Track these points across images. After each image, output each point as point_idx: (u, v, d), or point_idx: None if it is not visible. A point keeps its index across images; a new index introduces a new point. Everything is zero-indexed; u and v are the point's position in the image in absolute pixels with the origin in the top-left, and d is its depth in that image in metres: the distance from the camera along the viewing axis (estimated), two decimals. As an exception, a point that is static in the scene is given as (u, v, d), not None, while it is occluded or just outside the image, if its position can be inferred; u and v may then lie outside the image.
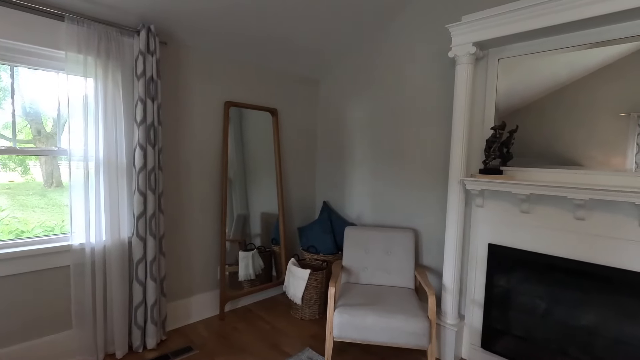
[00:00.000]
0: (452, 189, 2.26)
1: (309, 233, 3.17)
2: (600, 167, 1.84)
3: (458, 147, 2.23)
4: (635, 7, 1.57)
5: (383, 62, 2.94)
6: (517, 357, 2.12)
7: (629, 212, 1.73)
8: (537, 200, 2.02)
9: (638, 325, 1.78)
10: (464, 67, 2.18)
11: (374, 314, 2.03)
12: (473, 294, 2.30)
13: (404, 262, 2.52)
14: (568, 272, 1.95)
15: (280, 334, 2.57)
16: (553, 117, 1.99)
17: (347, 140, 3.27)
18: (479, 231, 2.26)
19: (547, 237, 1.99)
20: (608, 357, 1.87)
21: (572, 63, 1.93)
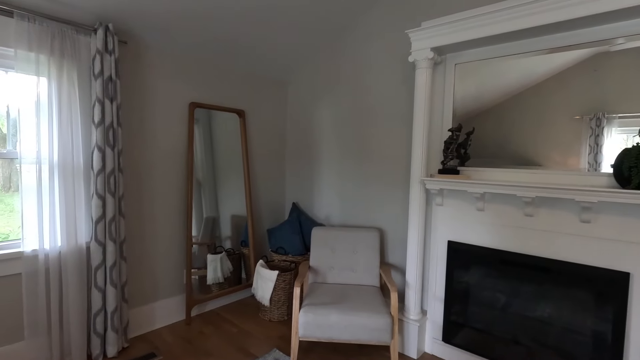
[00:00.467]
0: (414, 188, 2.34)
1: (277, 234, 3.17)
2: (558, 167, 1.95)
3: (418, 148, 2.31)
4: (583, 16, 1.68)
5: (349, 65, 3.00)
6: (475, 348, 2.22)
7: (571, 208, 1.85)
8: (491, 198, 2.13)
9: (582, 314, 1.92)
10: (423, 72, 2.26)
11: (337, 312, 2.06)
12: (435, 289, 2.38)
13: (369, 261, 2.58)
14: (520, 265, 2.06)
15: (248, 336, 2.56)
16: (513, 120, 2.09)
17: (316, 142, 3.31)
18: (439, 229, 2.35)
19: (501, 233, 2.10)
20: (557, 344, 2.00)
21: (529, 69, 2.04)
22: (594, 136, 1.84)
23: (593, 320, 1.88)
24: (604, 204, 1.75)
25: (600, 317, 1.85)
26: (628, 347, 1.72)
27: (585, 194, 1.69)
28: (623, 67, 1.75)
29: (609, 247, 1.75)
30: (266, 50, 2.95)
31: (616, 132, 1.78)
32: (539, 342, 2.06)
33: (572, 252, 1.86)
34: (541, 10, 1.79)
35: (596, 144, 1.83)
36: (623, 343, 1.73)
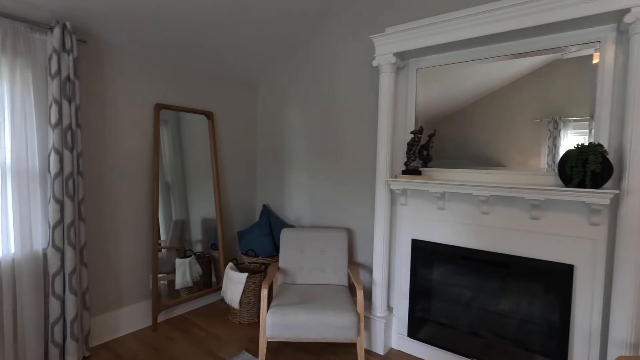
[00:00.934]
0: (379, 189, 2.41)
1: (247, 236, 3.16)
2: (520, 168, 2.03)
3: (383, 150, 2.38)
4: (532, 26, 1.80)
5: (318, 68, 3.04)
6: (439, 342, 2.31)
7: (522, 206, 1.98)
8: (451, 197, 2.23)
9: (535, 304, 2.05)
10: (386, 76, 2.34)
11: (305, 312, 2.09)
12: (400, 286, 2.46)
13: (338, 261, 2.62)
14: (478, 261, 2.17)
15: (217, 340, 2.54)
16: (476, 123, 2.18)
17: (286, 144, 3.33)
18: (403, 228, 2.43)
19: (460, 231, 2.20)
20: (513, 334, 2.12)
21: (490, 74, 2.12)
22: (552, 138, 1.96)
23: (543, 310, 2.01)
24: (550, 202, 1.88)
25: (550, 306, 1.98)
26: (573, 332, 1.86)
27: (532, 192, 1.81)
28: (569, 74, 1.88)
29: (556, 242, 1.89)
30: (235, 52, 2.95)
31: (572, 134, 1.90)
32: (496, 334, 2.18)
33: (524, 247, 1.98)
34: (494, 20, 1.90)
35: (554, 145, 1.95)
36: (569, 329, 1.86)
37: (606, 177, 1.67)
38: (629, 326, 1.62)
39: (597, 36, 1.80)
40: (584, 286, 1.82)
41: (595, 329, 1.80)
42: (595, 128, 1.81)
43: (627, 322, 1.62)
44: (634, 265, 1.60)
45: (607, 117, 1.77)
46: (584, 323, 1.83)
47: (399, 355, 2.40)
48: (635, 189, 1.59)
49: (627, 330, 1.63)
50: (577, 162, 1.70)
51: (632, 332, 1.62)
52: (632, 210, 1.60)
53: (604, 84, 1.77)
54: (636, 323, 1.62)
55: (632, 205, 1.60)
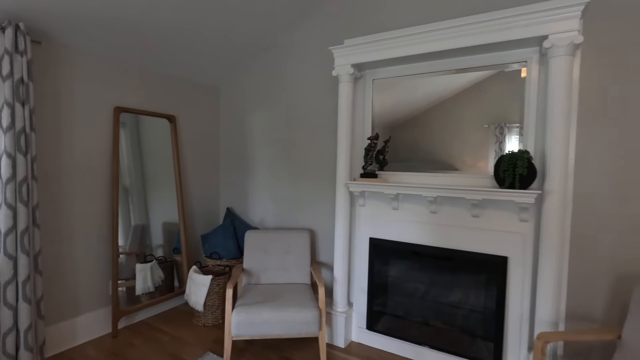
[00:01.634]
0: (339, 191, 2.56)
1: (211, 240, 3.19)
2: (471, 171, 2.23)
3: (342, 154, 2.53)
4: (470, 46, 2.03)
5: (281, 74, 3.15)
6: (394, 332, 2.49)
7: (465, 205, 2.21)
8: (404, 198, 2.42)
9: (476, 294, 2.29)
10: (345, 85, 2.50)
11: (269, 309, 2.18)
12: (359, 282, 2.63)
13: (301, 260, 2.74)
14: (428, 256, 2.38)
15: (181, 343, 2.55)
16: (430, 129, 2.36)
17: (250, 148, 3.39)
18: (362, 227, 2.60)
19: (412, 229, 2.40)
20: (459, 322, 2.35)
21: (440, 85, 2.32)
22: (498, 142, 2.19)
23: (484, 298, 2.26)
24: (487, 201, 2.12)
25: (489, 295, 2.23)
26: (508, 316, 2.11)
27: (472, 193, 2.04)
28: (505, 87, 2.14)
29: (493, 237, 2.13)
30: (197, 56, 2.97)
31: (515, 139, 2.13)
32: (444, 322, 2.40)
33: (466, 242, 2.22)
34: (436, 39, 2.12)
35: (500, 149, 2.18)
36: (504, 313, 2.11)
37: (531, 180, 1.93)
38: (551, 307, 1.89)
39: (525, 56, 2.07)
40: (516, 275, 2.08)
41: (525, 312, 2.06)
42: (524, 135, 2.07)
43: (549, 304, 1.89)
44: (554, 254, 1.87)
45: (533, 127, 2.05)
46: (516, 307, 2.08)
47: (358, 347, 2.56)
48: (554, 190, 1.86)
49: (549, 311, 1.89)
50: (508, 166, 1.95)
51: (553, 312, 1.88)
52: (551, 208, 1.87)
53: (530, 97, 2.05)
54: (556, 304, 1.89)
55: (551, 203, 1.86)
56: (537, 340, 1.66)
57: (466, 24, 2.01)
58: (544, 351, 1.65)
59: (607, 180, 1.91)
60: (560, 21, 1.79)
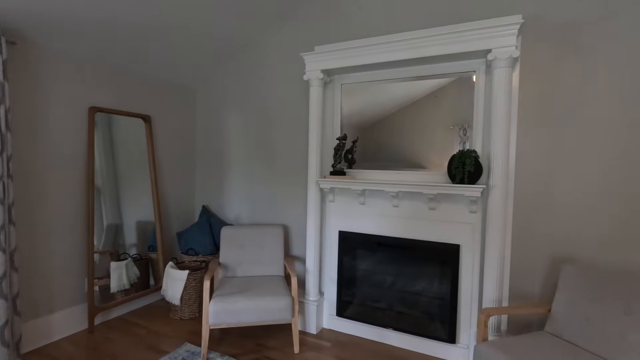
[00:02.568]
0: (310, 188, 2.74)
1: (187, 237, 3.28)
2: (437, 169, 2.42)
3: (313, 153, 2.72)
4: (429, 56, 2.26)
5: (255, 77, 3.29)
6: (362, 317, 2.70)
7: (423, 199, 2.45)
8: (370, 194, 2.64)
9: (433, 280, 2.54)
10: (315, 89, 2.68)
11: (245, 298, 2.33)
12: (329, 273, 2.82)
13: (275, 254, 2.89)
14: (391, 246, 2.61)
15: (158, 336, 2.64)
16: (395, 130, 2.57)
17: (225, 147, 3.50)
18: (331, 221, 2.80)
19: (377, 222, 2.62)
20: (419, 307, 2.59)
21: (407, 90, 2.53)
22: (462, 143, 2.41)
23: (440, 283, 2.51)
24: (441, 195, 2.37)
25: (444, 280, 2.48)
26: (460, 299, 2.37)
27: (428, 188, 2.28)
28: (460, 93, 2.39)
29: (447, 227, 2.38)
30: (173, 57, 3.06)
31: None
32: (407, 307, 2.64)
33: (424, 233, 2.46)
34: (394, 50, 2.35)
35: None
36: (457, 298, 2.37)
37: (478, 176, 2.19)
38: (495, 288, 2.15)
39: (474, 67, 2.33)
40: (467, 261, 2.34)
41: (475, 294, 2.33)
42: (474, 136, 2.34)
43: (494, 284, 2.15)
44: (498, 240, 2.13)
45: (480, 129, 2.31)
46: (467, 290, 2.35)
47: (329, 332, 2.75)
48: (497, 185, 2.12)
49: (494, 291, 2.15)
50: (458, 164, 2.20)
51: (497, 292, 2.15)
52: (495, 200, 2.13)
53: (478, 103, 2.31)
54: (499, 285, 2.16)
55: (495, 196, 2.13)
56: (481, 315, 1.91)
57: (421, 37, 2.25)
58: (486, 324, 1.90)
59: (542, 176, 2.21)
60: (501, 37, 2.06)
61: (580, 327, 1.83)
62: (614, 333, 1.71)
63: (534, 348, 1.76)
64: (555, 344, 1.82)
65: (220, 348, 2.47)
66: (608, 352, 1.69)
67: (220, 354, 2.37)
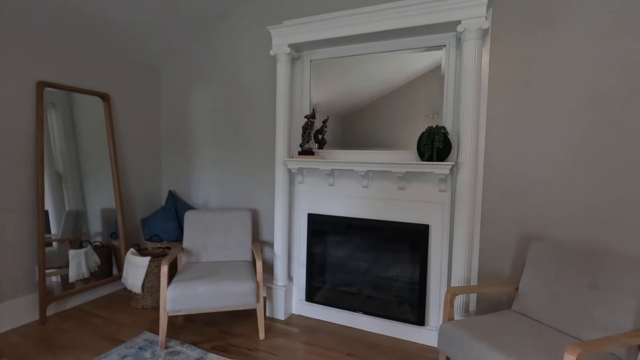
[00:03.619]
0: (278, 169, 2.62)
1: (151, 223, 3.12)
2: (407, 149, 2.31)
3: (281, 133, 2.59)
4: (398, 28, 2.16)
5: (223, 55, 3.13)
6: (331, 302, 2.62)
7: (392, 179, 2.37)
8: (339, 174, 2.54)
9: (403, 261, 2.48)
10: (282, 65, 2.55)
11: (206, 283, 2.20)
12: (299, 257, 2.72)
13: (242, 239, 2.77)
14: (361, 228, 2.52)
15: (117, 325, 2.50)
16: (375, 116, 2.45)
17: (192, 130, 3.34)
18: (301, 204, 2.69)
19: (346, 203, 2.53)
20: (388, 289, 2.53)
21: (386, 73, 2.42)
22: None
23: (410, 265, 2.45)
24: (411, 174, 2.30)
25: (414, 261, 2.42)
26: (429, 280, 2.31)
27: (397, 166, 2.20)
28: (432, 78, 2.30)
29: (416, 207, 2.32)
30: (135, 33, 2.86)
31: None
32: (376, 289, 2.57)
33: (395, 214, 2.38)
34: (367, 21, 2.23)
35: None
36: (426, 279, 2.31)
37: (447, 153, 2.12)
38: (463, 267, 2.10)
39: (444, 41, 2.25)
40: (436, 241, 2.28)
41: (444, 275, 2.28)
42: (444, 114, 2.26)
43: (462, 264, 2.10)
44: (467, 219, 2.07)
45: (451, 106, 2.24)
46: (436, 271, 2.29)
47: (298, 318, 2.66)
48: (465, 162, 2.06)
49: (462, 270, 2.10)
50: (427, 140, 2.12)
51: (466, 271, 2.10)
52: (463, 178, 2.07)
53: (449, 78, 2.24)
54: (468, 264, 2.10)
55: (464, 174, 2.07)
56: (446, 294, 1.85)
57: (390, 8, 2.14)
58: (452, 303, 1.84)
59: (512, 155, 2.15)
60: (470, 7, 1.98)
61: (546, 305, 1.80)
62: (578, 309, 1.68)
63: (499, 326, 1.71)
64: (521, 321, 1.78)
65: (181, 336, 2.35)
66: (572, 328, 1.66)
67: (180, 342, 2.25)
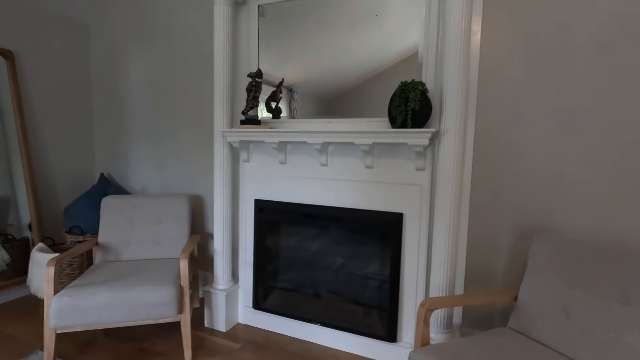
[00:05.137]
0: (217, 143, 2.07)
1: (73, 212, 2.55)
2: (378, 116, 1.80)
3: (220, 97, 2.04)
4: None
5: (161, 5, 2.54)
6: (283, 310, 2.11)
7: (357, 155, 1.84)
8: (292, 150, 2.00)
9: (371, 259, 1.96)
10: (220, 8, 1.98)
11: (108, 290, 1.67)
12: (246, 254, 2.19)
13: (177, 231, 2.23)
14: (319, 218, 2.00)
15: (9, 340, 1.96)
16: (352, 72, 1.92)
17: (130, 102, 2.76)
18: (247, 188, 2.15)
19: (301, 187, 1.99)
20: (352, 292, 2.02)
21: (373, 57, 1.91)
22: None
23: (379, 263, 1.94)
24: (380, 149, 1.77)
25: (384, 259, 1.91)
26: (403, 283, 1.80)
27: (360, 136, 1.66)
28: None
29: (388, 191, 1.79)
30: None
31: None
32: (337, 293, 2.06)
33: (360, 199, 1.86)
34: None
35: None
36: (399, 283, 1.80)
37: (426, 117, 1.59)
38: (446, 269, 1.59)
39: (425, -28, 1.69)
40: (412, 233, 1.76)
41: (422, 277, 1.76)
42: (425, 69, 1.72)
43: (444, 265, 1.59)
44: (450, 206, 1.56)
45: (433, 58, 1.70)
46: (412, 272, 1.78)
47: (244, 329, 2.15)
48: (449, 129, 1.53)
49: (444, 274, 1.59)
50: (400, 101, 1.59)
51: (448, 276, 1.59)
52: (446, 150, 1.54)
53: (430, 21, 1.69)
54: (452, 266, 1.59)
55: (446, 145, 1.54)
56: (420, 308, 1.34)
57: None
58: (427, 320, 1.33)
59: (512, 122, 1.63)
60: None
61: (556, 323, 1.30)
62: (603, 331, 1.18)
63: (491, 353, 1.20)
64: (521, 345, 1.28)
65: (84, 356, 1.82)
66: (595, 359, 1.16)
67: (78, 367, 1.73)
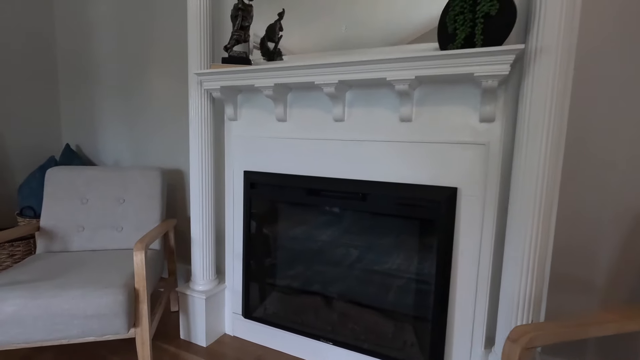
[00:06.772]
0: (192, 94, 1.52)
1: (26, 191, 2.06)
2: (419, 40, 1.20)
3: (195, 27, 1.47)
4: None
5: None
6: (281, 320, 1.57)
7: (388, 103, 1.25)
8: (294, 101, 1.43)
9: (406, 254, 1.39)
10: None
11: (18, 296, 1.14)
12: (234, 245, 1.65)
13: (145, 214, 1.71)
14: (332, 195, 1.42)
15: None
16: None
17: (99, 57, 2.23)
18: (234, 155, 1.59)
19: (307, 152, 1.42)
20: (378, 299, 1.46)
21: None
22: None
23: (416, 259, 1.37)
24: (424, 89, 1.18)
25: (424, 253, 1.34)
26: (455, 289, 1.23)
27: (397, 66, 1.07)
28: None
29: (434, 154, 1.21)
30: None
31: None
32: (357, 303, 1.50)
33: (392, 169, 1.28)
34: None
35: None
36: (448, 287, 1.23)
37: (505, 29, 0.99)
38: (527, 271, 1.02)
39: None
40: (471, 217, 1.18)
41: (484, 281, 1.19)
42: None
43: (525, 264, 1.01)
44: (538, 165, 0.97)
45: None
46: (469, 273, 1.20)
47: (232, 343, 1.62)
48: (548, 47, 0.93)
49: (524, 278, 1.02)
50: (463, 6, 0.99)
51: (529, 280, 1.02)
52: (539, 81, 0.95)
53: None
54: (533, 263, 1.02)
55: (541, 74, 0.95)
56: (510, 344, 0.76)
57: None
58: None
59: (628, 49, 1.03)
60: None
61: None
62: None
63: None
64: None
65: (7, 383, 1.32)
66: None
67: (-12, 401, 1.22)
